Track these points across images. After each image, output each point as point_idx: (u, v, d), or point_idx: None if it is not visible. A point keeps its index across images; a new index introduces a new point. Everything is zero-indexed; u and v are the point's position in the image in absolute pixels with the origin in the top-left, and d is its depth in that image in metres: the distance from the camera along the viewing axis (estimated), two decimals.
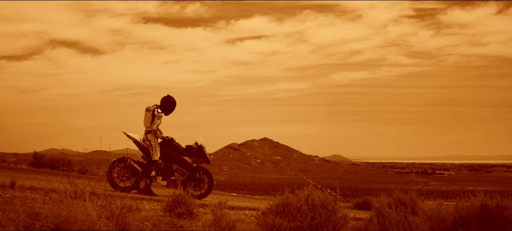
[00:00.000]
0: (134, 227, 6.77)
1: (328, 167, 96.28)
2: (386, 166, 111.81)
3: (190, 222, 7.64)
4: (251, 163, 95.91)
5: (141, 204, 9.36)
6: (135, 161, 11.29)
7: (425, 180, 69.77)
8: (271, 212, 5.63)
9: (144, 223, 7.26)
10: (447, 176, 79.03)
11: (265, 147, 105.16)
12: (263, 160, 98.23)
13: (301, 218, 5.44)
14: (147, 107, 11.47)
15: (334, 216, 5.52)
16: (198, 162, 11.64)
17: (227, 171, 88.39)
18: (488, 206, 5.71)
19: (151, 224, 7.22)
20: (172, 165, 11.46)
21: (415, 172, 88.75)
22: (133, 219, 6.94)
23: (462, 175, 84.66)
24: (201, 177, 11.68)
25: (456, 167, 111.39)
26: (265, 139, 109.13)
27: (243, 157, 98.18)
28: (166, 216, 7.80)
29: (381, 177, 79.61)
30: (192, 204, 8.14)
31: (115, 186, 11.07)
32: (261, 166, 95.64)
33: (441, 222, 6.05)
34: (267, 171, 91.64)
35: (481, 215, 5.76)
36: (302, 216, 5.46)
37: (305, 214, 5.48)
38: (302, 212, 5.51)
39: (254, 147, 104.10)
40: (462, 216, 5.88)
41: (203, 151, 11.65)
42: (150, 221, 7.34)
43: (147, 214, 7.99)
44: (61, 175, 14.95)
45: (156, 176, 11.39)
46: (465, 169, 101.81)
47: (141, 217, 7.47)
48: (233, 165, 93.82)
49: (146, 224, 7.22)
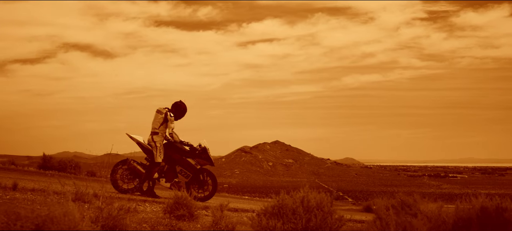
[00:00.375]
0: (131, 228, 6.71)
1: (340, 170, 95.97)
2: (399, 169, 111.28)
3: (189, 224, 7.57)
4: (263, 166, 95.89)
5: (143, 206, 9.31)
6: (138, 163, 11.23)
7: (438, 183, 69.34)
8: (266, 214, 5.55)
9: (142, 224, 7.20)
10: (460, 179, 78.50)
11: (277, 150, 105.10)
12: (275, 163, 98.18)
13: (296, 220, 5.35)
14: (158, 109, 11.42)
15: (329, 218, 5.42)
16: (201, 164, 11.56)
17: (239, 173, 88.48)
18: (487, 208, 5.59)
19: (149, 226, 7.16)
20: (176, 167, 11.39)
21: (428, 175, 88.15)
22: (131, 221, 6.89)
23: (475, 178, 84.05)
24: (205, 179, 11.60)
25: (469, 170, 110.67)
26: (277, 142, 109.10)
27: (255, 160, 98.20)
28: (165, 218, 7.73)
29: (393, 180, 79.20)
30: (193, 206, 8.08)
31: (118, 188, 11.03)
32: (273, 169, 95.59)
33: (441, 224, 5.93)
34: (279, 174, 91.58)
35: (481, 217, 5.64)
36: (297, 218, 5.37)
37: (300, 216, 5.38)
38: (297, 214, 5.42)
39: (266, 150, 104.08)
40: (462, 218, 5.76)
41: (206, 153, 11.57)
42: (148, 223, 7.28)
43: (146, 216, 7.93)
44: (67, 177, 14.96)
45: (160, 178, 11.33)
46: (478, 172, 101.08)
47: (139, 218, 7.41)
48: (245, 168, 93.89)
49: (144, 226, 7.16)
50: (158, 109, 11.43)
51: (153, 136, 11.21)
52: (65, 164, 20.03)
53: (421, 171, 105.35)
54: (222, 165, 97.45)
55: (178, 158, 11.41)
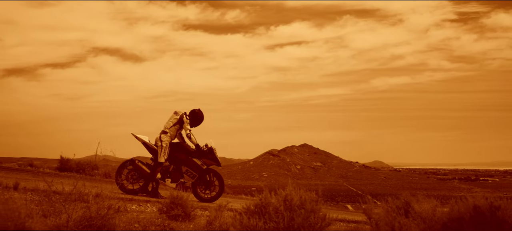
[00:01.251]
0: (119, 228, 6.60)
1: (369, 173, 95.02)
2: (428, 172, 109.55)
3: (183, 224, 7.42)
4: (290, 169, 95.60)
5: (144, 206, 9.21)
6: (143, 163, 11.14)
7: (469, 186, 68.16)
8: (247, 213, 5.37)
9: (134, 224, 7.09)
10: (491, 183, 76.99)
11: (305, 153, 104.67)
12: (303, 166, 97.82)
13: (277, 219, 5.16)
14: (176, 111, 11.42)
15: (312, 216, 5.21)
16: (208, 164, 11.41)
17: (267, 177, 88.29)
18: (480, 207, 5.31)
19: (141, 226, 7.04)
20: (182, 167, 11.27)
21: (458, 178, 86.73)
22: (120, 220, 6.78)
23: (507, 181, 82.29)
24: (211, 180, 11.44)
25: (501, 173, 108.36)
26: (305, 145, 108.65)
27: (282, 163, 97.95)
28: (158, 218, 7.60)
29: (423, 183, 78.08)
30: (188, 206, 7.93)
31: (123, 189, 10.95)
32: (301, 172, 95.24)
33: (434, 225, 5.67)
34: (307, 177, 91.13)
35: (474, 216, 5.37)
36: (278, 216, 5.17)
37: (282, 215, 5.19)
38: (279, 213, 5.23)
39: (293, 153, 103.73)
40: (454, 218, 5.49)
41: (213, 153, 11.41)
42: (140, 223, 7.15)
43: (140, 216, 7.81)
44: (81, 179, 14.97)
45: (165, 178, 11.23)
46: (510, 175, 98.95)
47: (130, 218, 7.29)
48: (272, 171, 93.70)
49: (135, 226, 7.04)
50: (176, 111, 11.42)
51: (161, 135, 11.14)
52: (84, 166, 20.08)
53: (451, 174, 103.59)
54: (250, 168, 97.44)
55: (184, 158, 11.29)
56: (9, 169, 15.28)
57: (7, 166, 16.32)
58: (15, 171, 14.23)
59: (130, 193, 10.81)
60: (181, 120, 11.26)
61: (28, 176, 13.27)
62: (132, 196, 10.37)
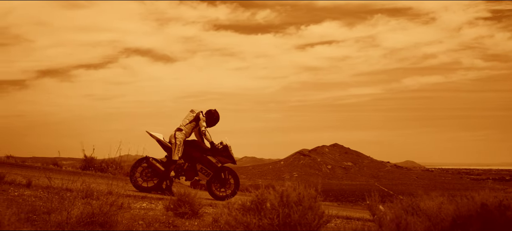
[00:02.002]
0: (122, 226, 6.51)
1: (400, 173, 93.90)
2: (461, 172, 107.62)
3: (187, 222, 7.31)
4: (321, 168, 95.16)
5: (155, 204, 9.13)
6: (158, 161, 11.07)
7: (503, 186, 66.73)
8: (241, 209, 5.21)
9: (139, 221, 7.00)
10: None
11: (335, 153, 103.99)
12: (333, 166, 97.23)
13: (272, 215, 4.99)
14: (192, 109, 11.39)
15: (309, 213, 5.03)
16: (222, 162, 11.30)
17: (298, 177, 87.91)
18: (488, 205, 5.06)
19: (145, 223, 6.95)
20: (196, 165, 11.17)
21: (492, 178, 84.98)
22: (122, 217, 6.69)
23: None
24: (226, 178, 11.31)
25: None
26: (336, 144, 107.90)
27: (313, 163, 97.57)
28: (164, 215, 7.50)
29: (455, 183, 76.85)
30: (196, 203, 7.81)
31: (137, 186, 10.91)
32: (332, 172, 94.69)
33: (440, 222, 5.44)
34: (338, 177, 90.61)
35: (482, 214, 5.11)
36: (273, 213, 5.00)
37: (277, 211, 5.02)
38: (274, 209, 5.06)
39: (324, 152, 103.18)
40: (461, 215, 5.24)
41: (228, 151, 11.29)
42: (144, 220, 7.07)
43: (147, 213, 7.73)
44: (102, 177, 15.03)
45: (179, 176, 11.15)
46: None
47: (133, 215, 7.19)
48: (303, 170, 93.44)
49: (140, 223, 6.95)
50: (192, 109, 11.38)
51: (176, 132, 11.07)
52: (107, 164, 20.16)
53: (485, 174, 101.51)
54: (280, 168, 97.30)
55: (199, 156, 11.19)
56: (31, 167, 15.41)
57: (30, 164, 16.46)
58: (35, 169, 14.31)
59: (144, 191, 10.76)
60: (197, 118, 11.21)
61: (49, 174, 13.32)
62: (146, 194, 10.32)
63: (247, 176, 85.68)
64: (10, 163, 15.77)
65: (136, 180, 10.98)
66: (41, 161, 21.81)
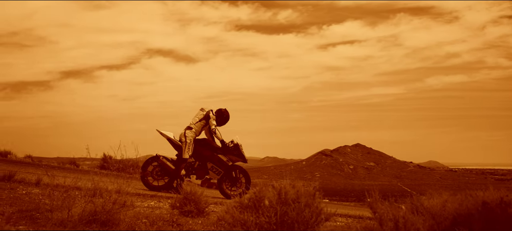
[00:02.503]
0: (124, 224, 6.48)
1: (423, 173, 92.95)
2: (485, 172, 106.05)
3: (192, 220, 7.25)
4: (343, 169, 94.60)
5: (163, 202, 9.09)
6: (168, 159, 11.04)
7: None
8: (238, 207, 5.14)
9: (142, 219, 6.96)
10: None
11: (358, 153, 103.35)
12: (356, 166, 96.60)
13: (269, 213, 4.91)
14: (202, 108, 11.34)
15: (307, 211, 4.93)
16: (233, 161, 11.24)
17: (320, 177, 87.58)
18: (489, 203, 4.92)
19: (149, 221, 6.91)
20: (207, 164, 11.13)
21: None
22: (125, 215, 6.66)
23: None
24: (238, 176, 11.24)
25: None
26: (358, 144, 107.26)
27: (335, 163, 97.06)
28: (169, 214, 7.45)
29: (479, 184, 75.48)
30: (202, 202, 7.75)
31: (148, 185, 10.89)
32: (354, 172, 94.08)
33: (442, 221, 5.30)
34: (360, 177, 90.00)
35: (483, 212, 4.97)
36: (270, 210, 4.92)
37: (274, 209, 4.94)
38: (272, 207, 4.97)
39: (346, 153, 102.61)
40: (462, 214, 5.11)
41: (239, 149, 11.22)
42: (148, 218, 7.02)
43: (154, 211, 7.70)
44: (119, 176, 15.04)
45: (190, 175, 11.12)
46: None
47: (136, 213, 7.15)
48: (325, 171, 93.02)
49: (144, 221, 6.91)
50: (202, 107, 11.35)
51: (186, 131, 11.05)
52: (125, 164, 20.23)
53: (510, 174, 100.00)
54: (302, 168, 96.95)
55: (209, 154, 11.15)
56: (47, 166, 15.51)
57: (46, 164, 16.58)
58: (50, 168, 14.40)
59: (155, 190, 10.75)
60: (207, 116, 11.16)
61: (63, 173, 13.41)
62: (156, 193, 10.30)
63: (268, 176, 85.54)
64: (26, 162, 15.89)
65: (147, 179, 10.97)
66: (66, 161, 21.99)
